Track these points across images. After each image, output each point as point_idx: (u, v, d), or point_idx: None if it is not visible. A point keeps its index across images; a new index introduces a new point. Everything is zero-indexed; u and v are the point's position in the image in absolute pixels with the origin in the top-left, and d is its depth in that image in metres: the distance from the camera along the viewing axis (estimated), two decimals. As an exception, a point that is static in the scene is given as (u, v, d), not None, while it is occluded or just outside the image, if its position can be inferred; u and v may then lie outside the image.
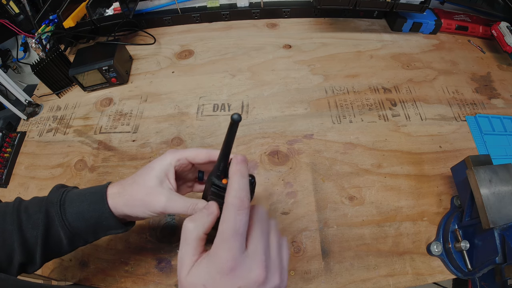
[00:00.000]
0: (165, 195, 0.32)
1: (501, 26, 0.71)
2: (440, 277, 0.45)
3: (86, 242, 0.36)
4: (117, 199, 0.34)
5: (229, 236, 0.25)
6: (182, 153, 0.34)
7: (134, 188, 0.33)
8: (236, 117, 0.26)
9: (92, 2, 0.69)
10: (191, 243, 0.27)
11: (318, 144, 0.58)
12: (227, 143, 0.28)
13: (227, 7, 0.82)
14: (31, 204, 0.35)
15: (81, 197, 0.35)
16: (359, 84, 0.67)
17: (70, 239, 0.34)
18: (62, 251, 0.35)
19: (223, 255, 0.24)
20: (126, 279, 0.46)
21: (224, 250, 0.25)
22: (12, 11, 0.70)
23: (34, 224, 0.33)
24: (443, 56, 0.73)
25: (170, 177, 0.34)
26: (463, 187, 0.45)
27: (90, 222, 0.34)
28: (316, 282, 0.44)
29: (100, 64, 0.64)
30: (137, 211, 0.33)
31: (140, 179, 0.34)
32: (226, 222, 0.25)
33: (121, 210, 0.34)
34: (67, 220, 0.33)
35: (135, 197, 0.33)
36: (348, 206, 0.51)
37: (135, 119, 0.64)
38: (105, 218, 0.34)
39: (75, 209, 0.34)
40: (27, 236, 0.33)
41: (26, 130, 0.65)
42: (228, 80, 0.69)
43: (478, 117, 0.60)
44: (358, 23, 0.81)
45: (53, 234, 0.34)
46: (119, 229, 0.36)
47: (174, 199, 0.32)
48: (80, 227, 0.34)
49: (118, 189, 0.34)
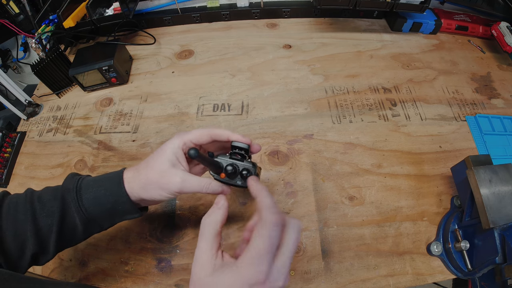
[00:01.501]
0: (179, 176, 0.33)
1: (501, 26, 0.71)
2: (440, 277, 0.45)
3: (102, 228, 0.37)
4: (133, 183, 0.35)
5: (265, 252, 0.26)
6: (186, 136, 0.35)
7: (149, 171, 0.34)
8: (192, 153, 0.27)
9: (92, 2, 0.69)
10: (208, 239, 0.28)
11: (318, 144, 0.58)
12: (205, 165, 0.32)
13: (227, 7, 0.82)
14: (45, 193, 0.36)
15: (97, 183, 0.35)
16: (359, 84, 0.67)
17: (85, 225, 0.35)
18: (76, 238, 0.36)
19: (257, 269, 0.26)
20: (126, 279, 0.46)
21: (258, 264, 0.26)
22: (12, 11, 0.70)
23: (48, 212, 0.34)
24: (443, 56, 0.73)
25: (181, 160, 0.35)
26: (463, 187, 0.45)
27: (107, 207, 0.35)
28: (316, 282, 0.44)
29: (100, 64, 0.64)
30: (154, 194, 0.34)
31: (154, 162, 0.34)
32: (263, 238, 0.26)
33: (137, 194, 0.34)
34: (83, 206, 0.34)
35: (151, 179, 0.34)
36: (348, 206, 0.51)
37: (135, 119, 0.64)
38: (121, 202, 0.35)
39: (91, 195, 0.34)
40: (41, 225, 0.33)
41: (26, 130, 0.65)
42: (228, 80, 0.69)
43: (478, 117, 0.60)
44: (358, 23, 0.81)
45: (69, 221, 0.34)
46: (134, 214, 0.36)
47: (188, 179, 0.34)
48: (96, 212, 0.35)
49: (133, 174, 0.35)
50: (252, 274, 0.25)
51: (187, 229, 0.49)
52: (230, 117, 0.62)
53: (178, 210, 0.51)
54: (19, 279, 0.28)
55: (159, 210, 0.51)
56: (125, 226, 0.50)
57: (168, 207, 0.52)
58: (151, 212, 0.51)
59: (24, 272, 0.35)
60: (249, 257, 0.26)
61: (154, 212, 0.51)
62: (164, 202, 0.52)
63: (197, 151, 0.27)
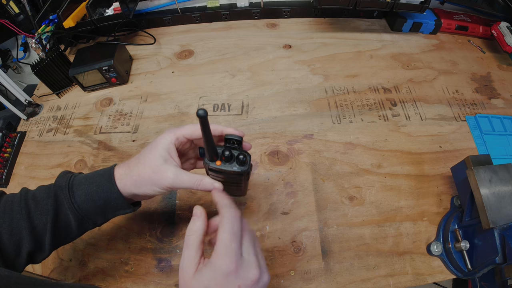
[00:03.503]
0: (171, 172, 0.34)
1: (501, 26, 0.71)
2: (440, 277, 0.45)
3: (95, 224, 0.37)
4: (125, 180, 0.35)
5: (229, 243, 0.28)
6: (179, 131, 0.35)
7: (140, 168, 0.34)
8: (201, 112, 0.27)
9: (92, 2, 0.69)
10: (191, 249, 0.30)
11: (318, 144, 0.58)
12: (205, 136, 0.30)
13: (227, 7, 0.82)
14: (39, 191, 0.36)
15: (89, 180, 0.35)
16: (359, 84, 0.67)
17: (79, 221, 0.35)
18: (71, 235, 0.36)
19: (226, 258, 0.28)
20: (126, 279, 0.46)
21: (226, 253, 0.28)
22: (12, 11, 0.70)
23: (42, 210, 0.34)
24: (443, 56, 0.73)
25: (173, 155, 0.35)
26: (463, 187, 0.45)
27: (99, 203, 0.35)
28: (316, 282, 0.44)
29: (100, 64, 0.64)
30: (146, 189, 0.34)
31: (145, 159, 0.34)
32: (226, 231, 0.29)
33: (129, 190, 0.35)
34: (76, 203, 0.34)
35: (142, 176, 0.34)
36: (348, 206, 0.51)
37: (135, 119, 0.64)
38: (113, 198, 0.35)
39: (83, 191, 0.35)
40: (36, 223, 0.34)
41: (26, 130, 0.65)
42: (228, 80, 0.69)
43: (478, 117, 0.60)
44: (358, 23, 0.81)
45: (62, 218, 0.35)
46: (127, 209, 0.37)
47: (180, 175, 0.34)
48: (89, 209, 0.35)
49: (125, 170, 0.35)
50: (224, 265, 0.27)
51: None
52: (230, 117, 0.62)
53: (178, 210, 0.51)
54: (16, 277, 0.28)
55: (159, 210, 0.51)
56: (125, 226, 0.50)
57: (168, 207, 0.52)
58: (151, 212, 0.51)
59: (22, 271, 0.35)
60: (219, 251, 0.28)
61: (154, 212, 0.51)
62: (164, 202, 0.52)
63: (206, 112, 0.27)
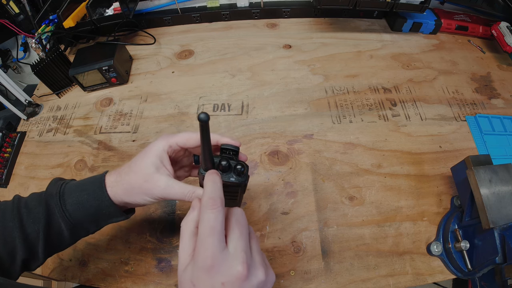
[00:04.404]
0: (163, 181, 0.33)
1: (501, 26, 0.71)
2: (440, 277, 0.45)
3: (88, 232, 0.37)
4: (116, 188, 0.34)
5: (206, 235, 0.25)
6: (173, 139, 0.34)
7: (132, 176, 0.33)
8: (203, 116, 0.25)
9: (92, 2, 0.69)
10: (184, 240, 0.28)
11: (318, 144, 0.58)
12: (204, 143, 0.28)
13: (227, 7, 0.82)
14: (31, 199, 0.35)
15: (80, 187, 0.35)
16: (359, 84, 0.67)
17: (71, 230, 0.35)
18: (64, 243, 0.36)
19: (202, 253, 0.25)
20: (126, 279, 0.46)
21: (202, 248, 0.25)
22: (12, 11, 0.70)
23: (34, 218, 0.33)
24: (443, 56, 0.73)
25: (165, 163, 0.34)
26: (463, 187, 0.45)
27: (90, 211, 0.34)
28: (316, 282, 0.44)
29: (100, 64, 0.64)
30: (137, 198, 0.34)
31: (136, 167, 0.34)
32: (202, 222, 0.26)
33: (120, 198, 0.34)
34: (67, 211, 0.34)
35: (133, 185, 0.33)
36: (348, 206, 0.51)
37: (135, 119, 0.64)
38: (105, 206, 0.34)
39: (74, 200, 0.34)
40: (28, 231, 0.33)
41: (26, 130, 0.65)
42: (228, 80, 0.69)
43: (478, 117, 0.60)
44: (358, 23, 0.81)
45: (54, 226, 0.34)
46: (120, 217, 0.36)
47: (172, 185, 0.33)
48: (80, 217, 0.34)
49: (116, 178, 0.35)
50: (201, 260, 0.25)
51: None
52: (230, 117, 0.62)
53: (178, 210, 0.51)
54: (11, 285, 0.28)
55: (159, 210, 0.51)
56: (125, 226, 0.50)
57: (168, 207, 0.52)
58: (151, 212, 0.51)
59: (17, 278, 0.34)
60: (197, 246, 0.26)
61: (154, 212, 0.51)
62: (164, 202, 0.52)
63: (208, 116, 0.25)
